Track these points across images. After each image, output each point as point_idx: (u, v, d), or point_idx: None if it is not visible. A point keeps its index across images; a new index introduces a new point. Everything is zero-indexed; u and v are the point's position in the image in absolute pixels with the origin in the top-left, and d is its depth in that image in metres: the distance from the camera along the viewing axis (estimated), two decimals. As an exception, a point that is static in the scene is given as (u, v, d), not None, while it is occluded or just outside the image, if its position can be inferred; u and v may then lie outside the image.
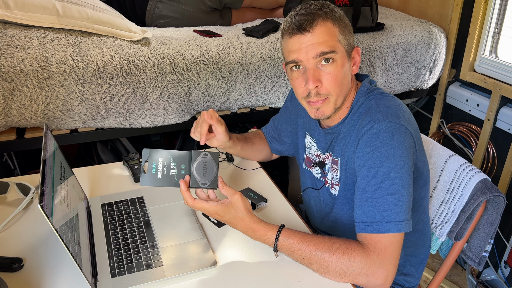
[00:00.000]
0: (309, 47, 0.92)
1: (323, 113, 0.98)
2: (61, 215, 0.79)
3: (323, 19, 0.92)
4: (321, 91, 0.94)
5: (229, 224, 0.93)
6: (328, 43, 0.92)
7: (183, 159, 0.91)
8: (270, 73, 1.66)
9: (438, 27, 2.03)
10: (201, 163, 0.91)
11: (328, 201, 1.12)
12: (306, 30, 0.91)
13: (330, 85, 0.94)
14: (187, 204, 0.91)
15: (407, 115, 0.95)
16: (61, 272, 0.88)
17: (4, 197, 1.12)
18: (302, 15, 0.92)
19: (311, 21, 0.91)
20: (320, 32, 0.91)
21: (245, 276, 0.89)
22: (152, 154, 0.89)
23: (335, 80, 0.94)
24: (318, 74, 0.93)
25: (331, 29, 0.93)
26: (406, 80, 1.99)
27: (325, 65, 0.93)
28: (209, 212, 0.91)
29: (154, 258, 0.91)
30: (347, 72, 0.97)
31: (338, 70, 0.94)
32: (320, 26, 0.91)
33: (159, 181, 0.89)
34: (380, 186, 0.88)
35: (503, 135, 1.85)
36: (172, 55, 1.49)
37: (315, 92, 0.94)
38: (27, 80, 1.32)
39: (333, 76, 0.93)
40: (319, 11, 0.93)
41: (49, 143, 0.90)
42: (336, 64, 0.93)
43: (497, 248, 1.91)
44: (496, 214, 1.10)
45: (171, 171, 0.90)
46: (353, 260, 0.86)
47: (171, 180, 0.90)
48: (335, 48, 0.92)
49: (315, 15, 0.92)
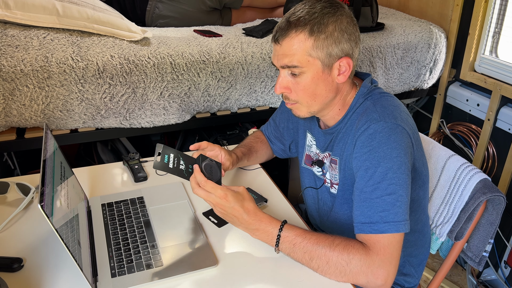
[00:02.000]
0: (279, 57, 0.95)
1: (297, 114, 1.02)
2: (61, 215, 0.79)
3: (296, 31, 0.91)
4: (290, 96, 0.98)
5: (232, 217, 0.92)
6: (293, 57, 0.92)
7: (191, 161, 0.97)
8: (270, 73, 1.66)
9: (438, 27, 2.03)
10: (208, 164, 0.97)
11: (327, 200, 1.12)
12: (277, 41, 0.94)
13: (299, 94, 0.96)
14: (200, 183, 0.92)
15: (405, 115, 0.95)
16: (61, 272, 0.88)
17: (4, 197, 1.12)
18: (283, 22, 0.93)
19: (283, 33, 0.92)
20: (287, 46, 0.92)
21: (245, 276, 0.89)
22: (165, 149, 0.95)
23: (303, 91, 0.95)
24: (287, 82, 0.96)
25: (302, 43, 0.91)
26: (406, 80, 1.99)
27: (294, 76, 0.95)
28: (218, 195, 0.91)
29: (154, 258, 0.91)
30: (324, 82, 0.95)
31: (307, 82, 0.94)
32: (289, 38, 0.91)
33: (171, 170, 0.93)
34: (378, 187, 0.88)
35: (503, 135, 1.85)
36: (172, 55, 1.50)
37: (284, 95, 0.99)
38: (27, 80, 1.32)
39: (301, 86, 0.95)
40: (301, 19, 0.90)
41: (49, 143, 0.90)
42: (304, 76, 0.93)
43: (497, 248, 1.91)
44: (496, 214, 1.10)
45: (180, 166, 0.95)
46: (352, 257, 0.86)
47: (180, 172, 0.94)
48: (300, 63, 0.92)
49: (292, 26, 0.91)
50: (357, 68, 1.72)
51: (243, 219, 0.92)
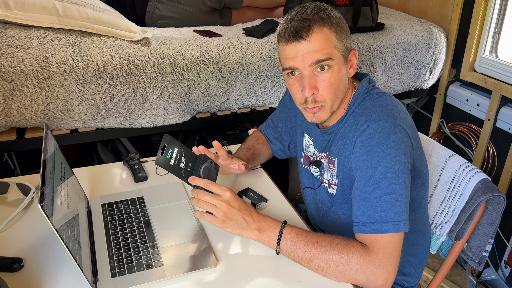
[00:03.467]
0: (305, 55, 0.91)
1: (319, 117, 0.98)
2: (61, 215, 0.79)
3: (319, 25, 0.91)
4: (317, 97, 0.95)
5: (238, 218, 0.91)
6: (324, 51, 0.91)
7: (192, 158, 0.97)
8: (270, 73, 1.66)
9: (438, 27, 2.03)
10: (207, 167, 0.96)
11: (326, 201, 1.12)
12: (302, 37, 0.90)
13: (326, 92, 0.94)
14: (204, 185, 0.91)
15: (404, 115, 0.95)
16: (61, 272, 0.88)
17: (4, 197, 1.12)
18: (298, 21, 0.91)
19: (307, 28, 0.90)
20: (316, 40, 0.90)
21: (245, 276, 0.89)
22: (171, 142, 0.94)
23: (330, 87, 0.94)
24: (314, 81, 0.93)
25: (328, 36, 0.91)
26: (406, 80, 1.99)
27: (321, 72, 0.93)
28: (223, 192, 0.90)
29: (154, 258, 0.91)
30: (344, 77, 0.96)
31: (334, 76, 0.93)
32: (316, 33, 0.90)
33: (171, 168, 0.92)
34: (378, 186, 0.88)
35: (503, 135, 1.85)
36: (172, 55, 1.50)
37: (312, 99, 0.95)
38: (27, 80, 1.32)
39: (329, 82, 0.93)
40: (315, 16, 0.91)
41: (49, 143, 0.90)
42: (332, 70, 0.93)
43: (497, 248, 1.91)
44: (496, 214, 1.10)
45: (181, 163, 0.94)
46: (352, 256, 0.86)
47: (179, 171, 0.93)
48: (331, 55, 0.92)
49: (312, 22, 0.90)
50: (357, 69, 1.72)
51: (249, 218, 0.92)
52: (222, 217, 0.91)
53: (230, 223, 0.92)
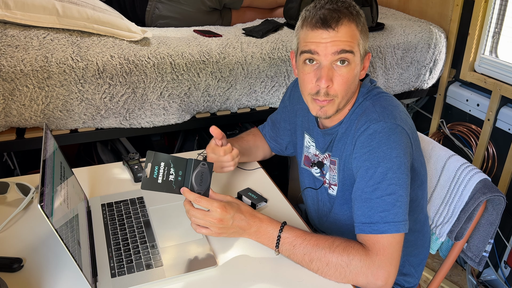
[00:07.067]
0: (330, 43, 0.90)
1: (326, 112, 0.97)
2: (61, 215, 0.79)
3: (348, 19, 0.90)
4: (330, 91, 0.93)
5: (234, 227, 0.91)
6: (350, 43, 0.90)
7: (182, 166, 0.93)
8: (270, 73, 1.65)
9: (438, 27, 2.03)
10: (199, 172, 0.93)
11: (327, 201, 1.12)
12: (330, 27, 0.89)
13: (340, 87, 0.93)
14: (194, 201, 0.89)
15: (404, 115, 0.95)
16: (61, 272, 0.88)
17: (4, 197, 1.12)
18: (329, 10, 0.90)
19: (337, 19, 0.89)
20: (344, 32, 0.90)
21: (245, 276, 0.89)
22: (156, 157, 0.91)
23: (345, 83, 0.93)
24: (332, 73, 0.92)
25: (354, 32, 0.91)
26: (406, 80, 1.99)
27: (340, 66, 0.92)
28: (217, 206, 0.88)
29: (154, 258, 0.91)
30: (357, 76, 0.96)
31: (350, 73, 0.93)
32: (345, 26, 0.90)
33: (159, 187, 0.90)
34: (378, 187, 0.88)
35: (503, 135, 1.85)
36: (172, 55, 1.49)
37: (325, 91, 0.93)
38: (27, 80, 1.32)
39: (345, 78, 0.92)
40: (346, 10, 0.91)
41: (49, 143, 0.90)
42: (350, 67, 0.92)
43: (497, 248, 1.91)
44: (496, 214, 1.10)
45: (170, 176, 0.91)
46: (352, 258, 0.86)
47: (169, 186, 0.91)
48: (354, 50, 0.91)
49: (342, 14, 0.90)
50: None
51: (245, 225, 0.92)
52: (216, 231, 0.90)
53: (227, 233, 0.92)
